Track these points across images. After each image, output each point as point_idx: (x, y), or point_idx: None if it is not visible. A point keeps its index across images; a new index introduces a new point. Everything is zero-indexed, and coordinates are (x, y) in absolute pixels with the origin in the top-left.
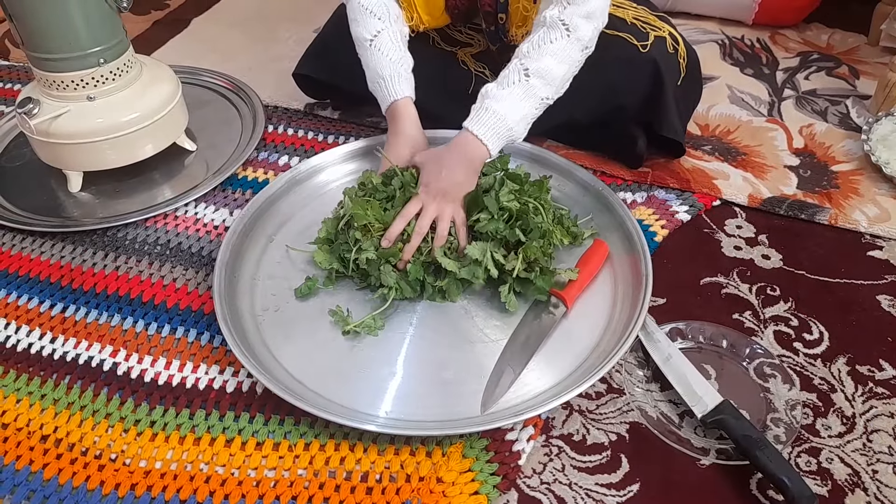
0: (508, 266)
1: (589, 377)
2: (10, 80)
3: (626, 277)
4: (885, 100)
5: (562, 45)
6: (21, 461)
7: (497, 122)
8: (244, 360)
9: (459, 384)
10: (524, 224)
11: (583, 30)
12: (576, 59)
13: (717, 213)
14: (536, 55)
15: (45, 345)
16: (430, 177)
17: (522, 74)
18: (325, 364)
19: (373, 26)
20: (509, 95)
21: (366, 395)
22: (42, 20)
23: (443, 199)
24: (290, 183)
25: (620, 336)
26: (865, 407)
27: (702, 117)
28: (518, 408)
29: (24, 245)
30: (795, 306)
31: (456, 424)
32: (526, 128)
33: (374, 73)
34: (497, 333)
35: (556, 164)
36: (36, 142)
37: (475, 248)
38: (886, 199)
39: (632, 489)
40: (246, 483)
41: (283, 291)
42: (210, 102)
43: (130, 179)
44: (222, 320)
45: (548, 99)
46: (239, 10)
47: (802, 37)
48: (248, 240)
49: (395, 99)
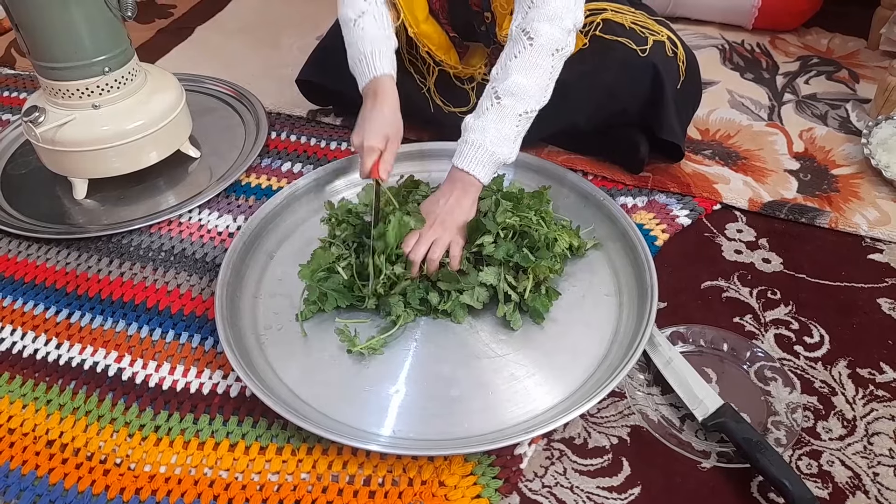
0: (520, 287)
1: (597, 392)
2: (16, 89)
3: (631, 288)
4: (885, 103)
5: (526, 57)
6: (27, 466)
7: (479, 153)
8: (249, 382)
9: (467, 401)
10: (530, 241)
11: (547, 34)
12: (547, 66)
13: (718, 217)
14: (503, 75)
15: (51, 350)
16: (427, 210)
17: (494, 98)
18: (330, 382)
19: (358, 7)
20: (485, 123)
21: (372, 413)
22: (48, 29)
23: (439, 227)
24: (289, 199)
25: (627, 349)
26: (866, 410)
27: (702, 122)
28: (528, 424)
29: (30, 252)
30: (796, 310)
31: (468, 443)
32: (512, 147)
33: (355, 51)
34: (503, 348)
35: (556, 175)
36: (41, 150)
37: (489, 273)
38: (886, 202)
39: (633, 492)
40: (249, 487)
41: (285, 309)
42: (214, 110)
43: (135, 186)
44: (225, 341)
45: (528, 112)
46: (242, 18)
47: (802, 41)
48: (249, 258)
49: (375, 76)
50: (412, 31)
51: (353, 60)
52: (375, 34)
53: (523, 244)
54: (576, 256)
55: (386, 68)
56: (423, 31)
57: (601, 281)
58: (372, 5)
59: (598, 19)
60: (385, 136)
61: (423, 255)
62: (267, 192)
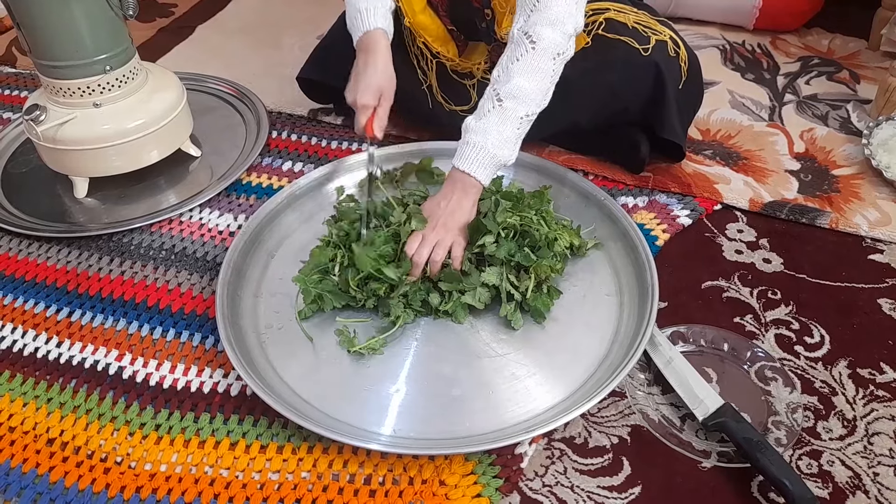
0: (522, 287)
1: (598, 392)
2: (17, 87)
3: (632, 288)
4: (886, 104)
5: (528, 61)
6: (28, 464)
7: (479, 154)
8: (250, 381)
9: (467, 400)
10: (531, 240)
11: (548, 38)
12: (548, 69)
13: (719, 217)
14: (505, 77)
15: (52, 349)
16: (428, 212)
17: (495, 100)
18: (331, 381)
19: None
20: (486, 124)
21: (373, 412)
22: (49, 28)
23: (441, 229)
24: (289, 198)
25: (628, 349)
26: (866, 410)
27: (703, 122)
28: (529, 423)
29: (30, 250)
30: (796, 310)
31: (469, 442)
32: (513, 149)
33: (351, 9)
34: (504, 348)
35: (557, 175)
36: (42, 148)
37: (491, 273)
38: (887, 202)
39: (633, 492)
40: (250, 486)
41: (285, 309)
42: (215, 109)
43: (136, 185)
44: (226, 340)
45: (528, 115)
46: (243, 17)
47: (803, 42)
48: (250, 257)
49: (368, 29)
50: (407, 20)
51: (350, 18)
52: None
53: (524, 243)
54: (576, 256)
55: (379, 22)
56: (419, 22)
57: (602, 281)
58: None
59: (600, 18)
60: (378, 91)
61: (426, 257)
62: (268, 191)
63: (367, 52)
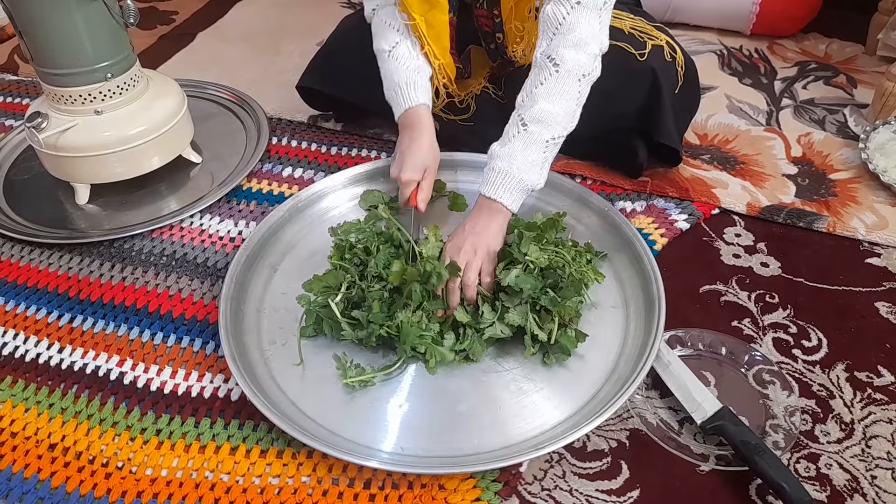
0: (546, 329)
1: (606, 408)
2: (18, 95)
3: (637, 300)
4: (883, 108)
5: (552, 84)
6: (29, 469)
7: (506, 180)
8: (254, 399)
9: (474, 416)
10: (553, 279)
11: (572, 61)
12: (573, 92)
13: (716, 221)
14: (529, 102)
15: (53, 355)
16: (456, 238)
17: (520, 126)
18: (334, 398)
19: (392, 38)
20: (512, 150)
21: (378, 429)
22: (50, 36)
23: (470, 250)
24: (291, 211)
25: (636, 363)
26: (864, 413)
27: (700, 127)
28: (537, 440)
29: (32, 256)
30: (794, 313)
31: (477, 460)
32: (539, 173)
33: (390, 82)
34: (510, 362)
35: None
36: (44, 155)
37: (515, 313)
38: (884, 206)
39: (632, 495)
40: (250, 490)
41: (289, 324)
42: (215, 115)
43: (137, 191)
44: (229, 356)
45: (555, 138)
46: (243, 24)
47: (800, 46)
48: (252, 271)
49: (410, 106)
50: (436, 62)
51: (389, 91)
52: (409, 64)
53: (546, 283)
54: None
55: (421, 98)
56: (446, 63)
57: (607, 292)
58: (404, 36)
59: None
60: (423, 168)
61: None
62: (268, 197)
63: (411, 128)
